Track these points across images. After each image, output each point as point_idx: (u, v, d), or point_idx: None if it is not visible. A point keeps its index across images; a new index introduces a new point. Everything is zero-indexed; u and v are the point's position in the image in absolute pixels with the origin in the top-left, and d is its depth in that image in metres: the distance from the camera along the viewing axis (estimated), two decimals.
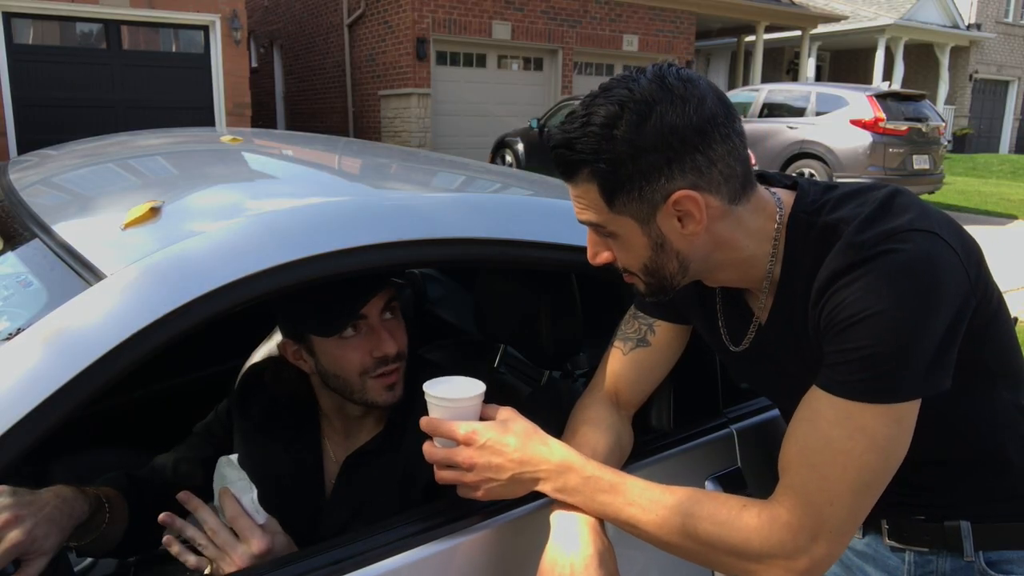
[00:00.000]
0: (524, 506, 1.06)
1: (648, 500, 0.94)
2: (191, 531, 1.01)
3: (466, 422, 0.99)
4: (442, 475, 1.00)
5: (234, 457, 1.09)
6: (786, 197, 0.96)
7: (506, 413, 1.01)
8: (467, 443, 0.98)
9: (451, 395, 1.01)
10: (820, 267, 0.88)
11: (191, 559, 1.00)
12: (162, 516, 1.01)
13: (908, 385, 0.83)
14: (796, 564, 0.87)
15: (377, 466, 1.24)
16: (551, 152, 0.93)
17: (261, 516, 1.03)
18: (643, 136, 0.85)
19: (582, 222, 0.95)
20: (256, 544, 0.99)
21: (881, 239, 0.84)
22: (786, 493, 0.89)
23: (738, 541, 0.89)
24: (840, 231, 0.88)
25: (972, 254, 0.89)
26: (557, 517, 0.99)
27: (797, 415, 0.91)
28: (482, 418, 1.02)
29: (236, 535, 1.01)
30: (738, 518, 0.89)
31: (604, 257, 0.97)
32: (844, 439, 0.84)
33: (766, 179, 1.02)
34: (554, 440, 1.00)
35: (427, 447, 1.02)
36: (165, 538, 1.01)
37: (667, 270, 0.94)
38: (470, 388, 1.02)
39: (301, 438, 1.32)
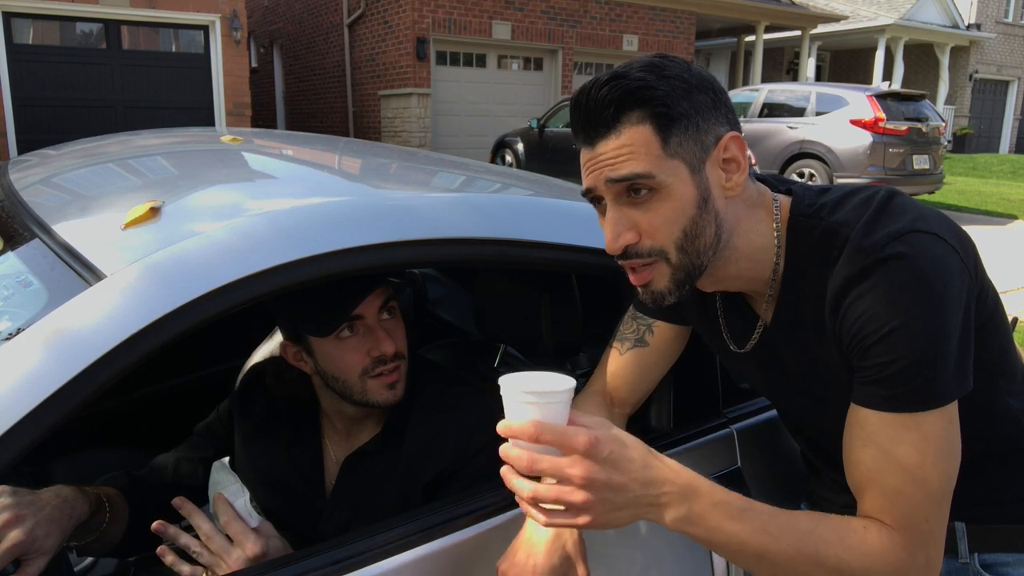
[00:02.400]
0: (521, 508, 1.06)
1: (778, 527, 0.84)
2: (185, 539, 1.01)
3: (583, 428, 0.81)
4: (540, 492, 0.79)
5: (227, 460, 1.09)
6: (782, 199, 0.97)
7: (605, 421, 0.84)
8: (587, 454, 0.78)
9: (544, 387, 0.81)
10: (826, 269, 0.89)
11: (185, 569, 1.00)
12: (155, 525, 1.01)
13: (949, 385, 0.84)
14: None
15: (377, 466, 1.24)
16: (587, 102, 0.87)
17: (254, 519, 1.03)
18: (692, 76, 0.88)
19: (619, 178, 0.87)
20: (250, 548, 0.99)
21: (887, 241, 0.85)
22: (887, 516, 0.86)
23: (867, 566, 0.84)
24: (843, 234, 0.89)
25: (970, 252, 0.90)
26: None
27: (854, 441, 0.89)
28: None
29: (231, 540, 1.01)
30: (864, 543, 0.85)
31: (627, 238, 0.89)
32: (914, 454, 0.84)
33: (761, 181, 1.02)
34: (673, 460, 0.85)
35: (518, 455, 0.80)
36: (159, 548, 1.01)
37: (703, 240, 0.90)
38: (559, 381, 0.83)
39: (302, 438, 1.32)
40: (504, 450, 0.81)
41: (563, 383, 0.82)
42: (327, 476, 1.30)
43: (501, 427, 0.81)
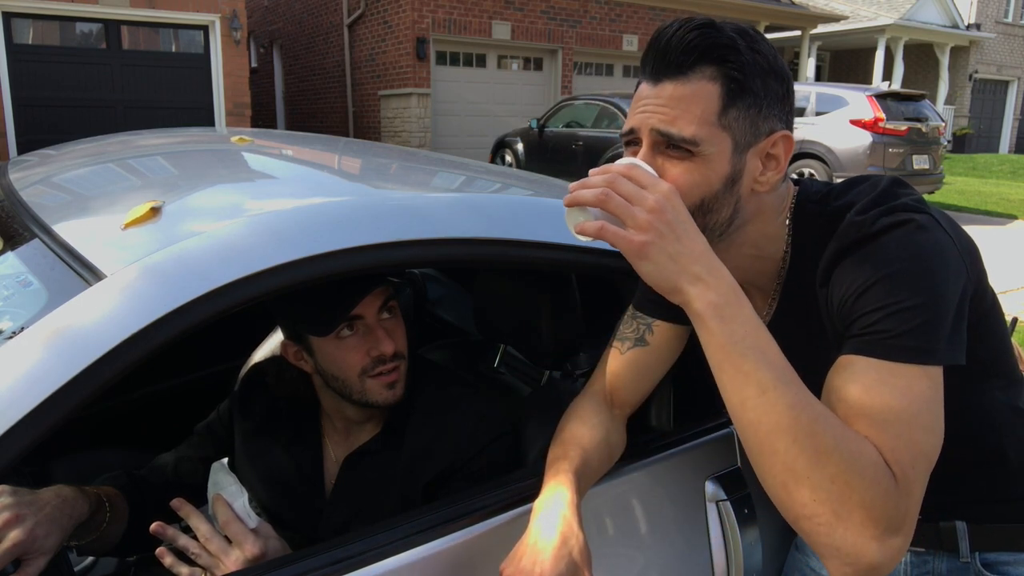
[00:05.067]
0: (523, 506, 1.06)
1: (793, 377, 0.80)
2: (183, 540, 1.01)
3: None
4: (613, 193, 0.82)
5: (226, 461, 1.09)
6: (789, 187, 0.98)
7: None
8: (667, 195, 0.81)
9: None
10: (824, 247, 0.89)
11: (184, 571, 1.00)
12: (153, 526, 1.01)
13: (939, 345, 0.81)
14: (894, 540, 0.77)
15: (377, 466, 1.24)
16: (670, 38, 0.85)
17: (253, 520, 1.03)
18: (776, 62, 0.87)
19: (667, 133, 0.85)
20: (249, 549, 0.99)
21: (882, 215, 0.85)
22: (880, 446, 0.78)
23: (869, 481, 0.77)
24: (842, 215, 0.89)
25: (967, 245, 0.91)
26: (539, 504, 0.97)
27: (836, 380, 0.84)
28: None
29: (229, 541, 1.01)
30: (862, 442, 0.78)
31: None
32: (899, 397, 0.79)
33: None
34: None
35: (602, 170, 0.84)
36: (158, 550, 1.01)
37: (716, 216, 0.90)
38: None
39: (302, 438, 1.32)
40: (581, 183, 0.85)
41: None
42: (327, 476, 1.30)
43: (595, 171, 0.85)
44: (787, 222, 0.95)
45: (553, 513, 0.93)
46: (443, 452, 1.21)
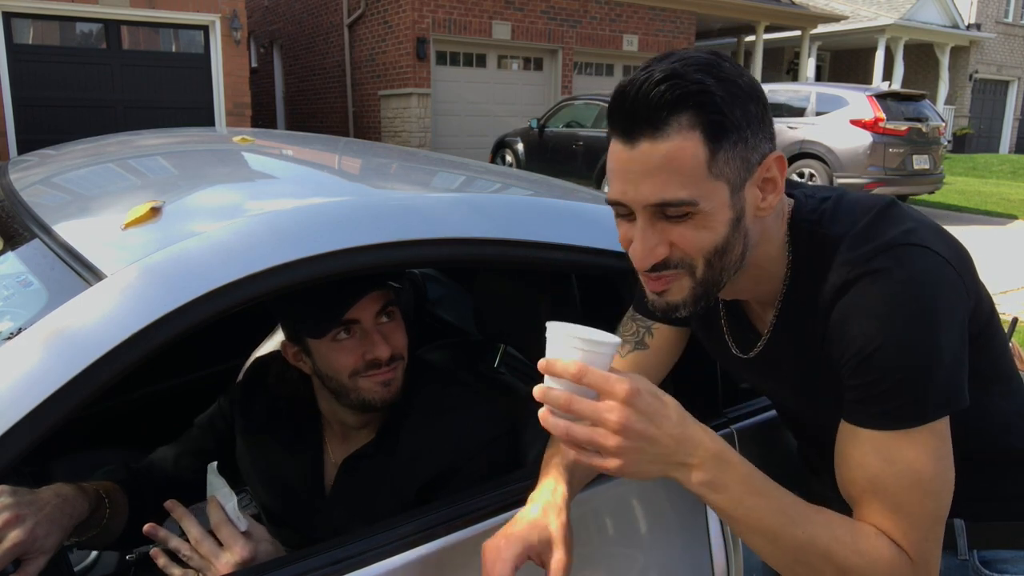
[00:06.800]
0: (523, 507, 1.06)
1: (798, 513, 0.85)
2: (175, 542, 1.01)
3: (625, 376, 0.81)
4: (575, 432, 0.80)
5: (215, 465, 1.09)
6: (783, 208, 0.96)
7: (647, 383, 0.83)
8: (626, 402, 0.79)
9: (593, 336, 0.83)
10: (821, 277, 0.88)
11: (176, 572, 1.00)
12: (146, 528, 1.01)
13: (940, 401, 0.83)
14: None
15: (372, 469, 1.24)
16: (636, 95, 0.80)
17: (243, 523, 1.03)
18: (745, 82, 0.83)
19: (660, 203, 0.83)
20: (238, 552, 0.99)
21: (874, 254, 0.84)
22: (892, 531, 0.85)
23: (874, 574, 0.84)
24: (836, 244, 0.88)
25: (965, 263, 0.90)
26: (531, 498, 0.98)
27: (848, 459, 0.88)
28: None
29: (221, 543, 1.01)
30: (875, 550, 0.84)
31: (660, 253, 0.86)
32: (908, 472, 0.83)
33: None
34: (705, 426, 0.86)
35: (557, 394, 0.81)
36: (152, 551, 1.02)
37: (731, 256, 0.87)
38: (606, 335, 0.84)
39: (302, 438, 1.32)
40: (542, 389, 0.82)
41: (611, 338, 0.84)
42: (326, 477, 1.30)
43: (542, 363, 0.82)
44: (787, 242, 0.94)
45: (540, 499, 0.95)
46: (439, 456, 1.21)
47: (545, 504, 0.93)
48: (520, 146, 11.40)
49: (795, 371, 0.99)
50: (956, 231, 1.01)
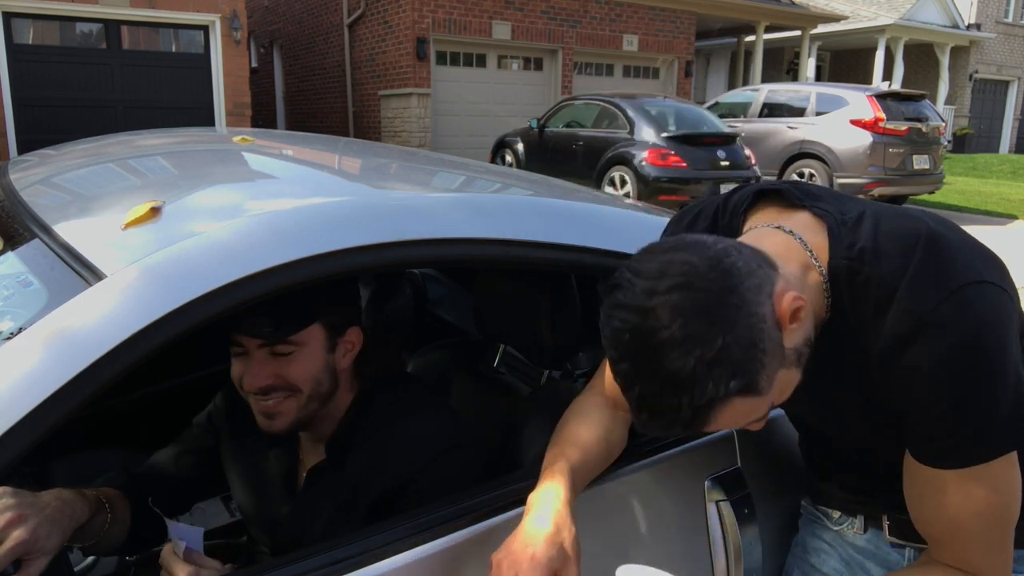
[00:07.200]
0: (522, 507, 1.06)
1: None
2: None
3: None
4: None
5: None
6: (813, 239, 0.92)
7: None
8: None
9: None
10: (871, 319, 0.88)
11: None
12: None
13: (1010, 438, 0.87)
14: None
15: (325, 484, 1.23)
16: (665, 415, 0.81)
17: (181, 546, 1.03)
18: (732, 331, 0.79)
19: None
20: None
21: (936, 304, 0.84)
22: (970, 564, 0.92)
23: None
24: (889, 286, 0.86)
25: (1005, 274, 0.90)
26: (533, 499, 0.98)
27: (923, 499, 0.94)
28: None
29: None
30: None
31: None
32: (984, 505, 0.88)
33: (782, 195, 0.99)
34: None
35: None
36: None
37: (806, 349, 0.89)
38: None
39: (279, 444, 1.30)
40: None
41: None
42: (298, 487, 1.29)
43: None
44: (824, 286, 0.92)
45: (547, 507, 0.95)
46: (386, 469, 1.18)
47: (556, 517, 0.94)
48: (520, 146, 11.39)
49: (824, 393, 1.00)
50: None
